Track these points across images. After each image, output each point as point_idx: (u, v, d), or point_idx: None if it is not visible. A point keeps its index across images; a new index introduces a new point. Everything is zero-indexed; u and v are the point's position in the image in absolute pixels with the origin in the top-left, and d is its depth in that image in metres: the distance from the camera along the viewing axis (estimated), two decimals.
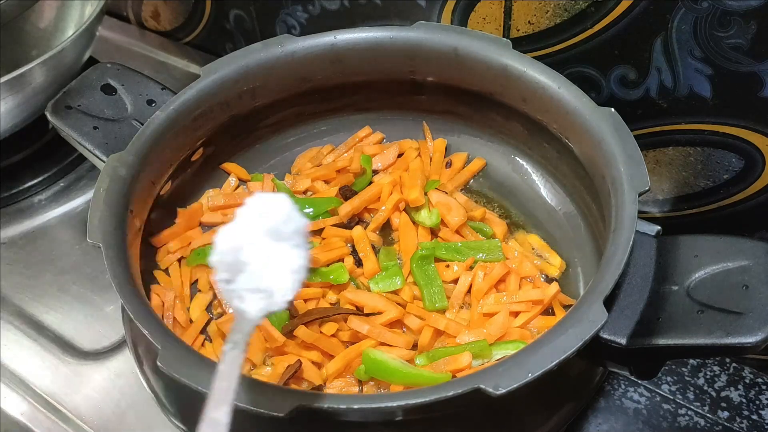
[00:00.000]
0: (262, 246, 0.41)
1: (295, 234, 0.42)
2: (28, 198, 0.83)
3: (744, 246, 0.52)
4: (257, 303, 0.40)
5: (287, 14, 0.84)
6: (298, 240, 0.42)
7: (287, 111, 0.74)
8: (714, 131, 0.63)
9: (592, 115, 0.59)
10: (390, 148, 0.75)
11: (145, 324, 0.51)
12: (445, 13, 0.73)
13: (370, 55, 0.69)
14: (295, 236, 0.42)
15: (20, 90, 0.74)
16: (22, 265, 0.76)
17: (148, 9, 1.02)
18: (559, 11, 0.65)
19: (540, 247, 0.67)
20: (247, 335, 0.39)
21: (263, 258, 0.41)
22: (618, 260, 0.50)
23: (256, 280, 0.40)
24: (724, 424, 0.61)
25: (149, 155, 0.62)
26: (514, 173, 0.72)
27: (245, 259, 0.41)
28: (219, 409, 0.33)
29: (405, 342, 0.60)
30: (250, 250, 0.41)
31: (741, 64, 0.58)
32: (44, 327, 0.71)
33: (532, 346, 0.47)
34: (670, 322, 0.50)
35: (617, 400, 0.63)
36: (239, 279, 0.40)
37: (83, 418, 0.64)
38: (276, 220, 0.41)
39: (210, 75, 0.67)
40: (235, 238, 0.41)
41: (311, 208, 0.69)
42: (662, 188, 0.69)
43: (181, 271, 0.67)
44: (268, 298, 0.40)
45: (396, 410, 0.46)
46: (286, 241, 0.41)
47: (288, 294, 0.41)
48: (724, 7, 0.56)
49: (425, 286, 0.63)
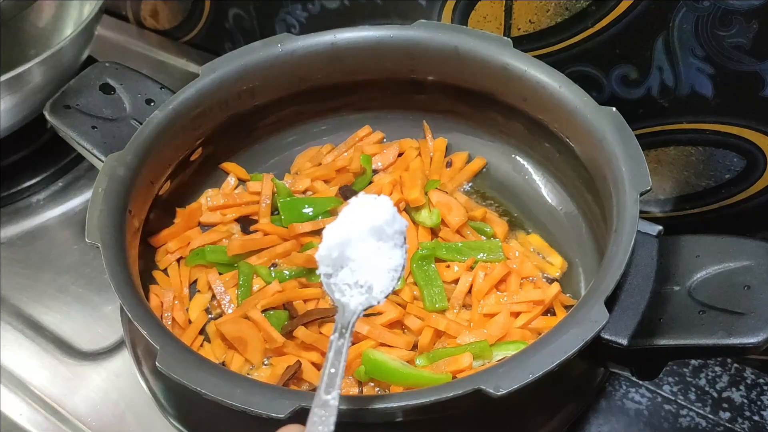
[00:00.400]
0: (366, 244, 0.44)
1: (397, 234, 0.45)
2: (27, 198, 0.82)
3: (746, 246, 0.52)
4: (357, 297, 0.43)
5: (287, 13, 0.84)
6: (399, 240, 0.45)
7: (287, 110, 0.74)
8: (715, 131, 0.63)
9: (593, 114, 0.59)
10: (390, 147, 0.74)
11: (144, 324, 0.50)
12: (446, 11, 0.72)
13: (371, 54, 0.69)
14: (396, 236, 0.45)
15: (19, 89, 0.74)
16: (21, 266, 0.76)
17: (147, 8, 1.02)
18: (560, 10, 0.65)
19: (541, 247, 0.67)
20: (350, 326, 0.42)
21: (366, 255, 0.44)
22: (619, 260, 0.50)
23: (356, 276, 0.43)
24: (726, 425, 0.60)
25: (148, 155, 0.62)
26: (515, 173, 0.72)
27: (349, 255, 0.43)
28: (329, 393, 0.37)
29: (405, 343, 0.60)
30: (354, 247, 0.43)
31: (743, 64, 0.58)
32: (43, 327, 0.71)
33: (533, 347, 0.47)
34: (672, 322, 0.50)
35: (618, 400, 0.62)
36: (340, 274, 0.43)
37: (82, 419, 0.64)
38: (380, 220, 0.44)
39: (209, 74, 0.66)
40: (341, 235, 0.44)
41: (311, 208, 0.69)
42: (664, 188, 0.69)
43: (180, 271, 0.66)
44: (368, 293, 0.43)
45: (396, 411, 0.46)
46: (387, 240, 0.44)
47: (387, 290, 0.44)
48: (725, 6, 0.56)
49: (425, 286, 0.63)
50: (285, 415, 0.44)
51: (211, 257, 0.66)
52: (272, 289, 0.63)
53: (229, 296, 0.64)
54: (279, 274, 0.65)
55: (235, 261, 0.66)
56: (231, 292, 0.65)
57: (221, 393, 0.46)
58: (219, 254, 0.66)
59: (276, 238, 0.68)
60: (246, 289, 0.64)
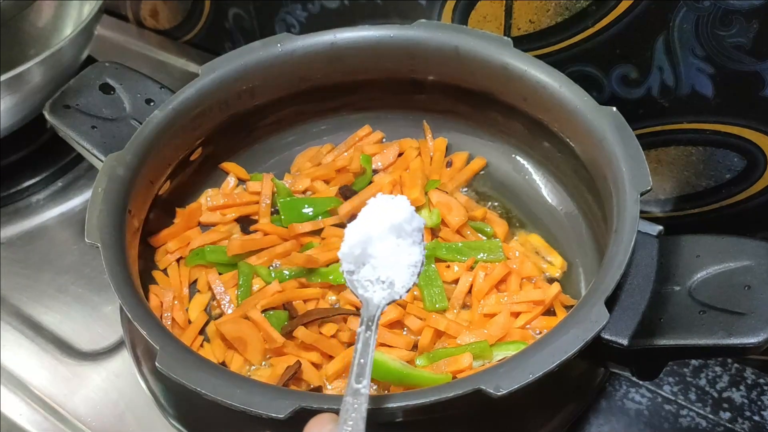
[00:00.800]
0: (386, 242, 0.45)
1: (415, 232, 0.46)
2: (26, 198, 0.82)
3: (746, 246, 0.52)
4: (380, 293, 0.45)
5: (287, 13, 0.84)
6: (417, 237, 0.46)
7: (287, 110, 0.74)
8: (716, 131, 0.63)
9: (594, 114, 0.59)
10: (390, 147, 0.74)
11: (144, 325, 0.50)
12: (446, 11, 0.72)
13: (371, 54, 0.69)
14: (414, 234, 0.46)
15: (18, 89, 0.74)
16: (20, 266, 0.76)
17: (147, 8, 1.02)
18: (561, 10, 0.65)
19: (541, 247, 0.67)
20: (375, 318, 0.43)
21: (386, 252, 0.45)
22: (620, 260, 0.50)
23: (378, 272, 0.45)
24: (726, 425, 0.60)
25: (148, 155, 0.62)
26: (515, 173, 0.72)
27: (371, 252, 0.45)
28: (360, 382, 0.38)
29: (405, 343, 0.60)
30: (375, 245, 0.45)
31: (743, 63, 0.58)
32: (42, 327, 0.71)
33: (534, 347, 0.47)
34: (672, 322, 0.50)
35: (619, 401, 0.62)
36: (362, 270, 0.45)
37: (82, 419, 0.64)
38: (399, 219, 0.45)
39: (209, 74, 0.66)
40: (362, 233, 0.45)
41: (311, 208, 0.69)
42: (664, 188, 0.69)
43: (179, 271, 0.66)
44: (390, 288, 0.45)
45: (396, 411, 0.46)
46: (406, 237, 0.46)
47: (408, 285, 0.45)
48: (725, 6, 0.56)
49: (425, 286, 0.63)
50: (285, 415, 0.44)
51: (210, 257, 0.66)
52: (272, 289, 0.63)
53: (229, 296, 0.64)
54: (279, 274, 0.65)
55: (235, 261, 0.66)
56: (231, 292, 0.65)
57: (221, 393, 0.46)
58: (219, 254, 0.66)
59: (276, 238, 0.68)
60: (246, 289, 0.64)
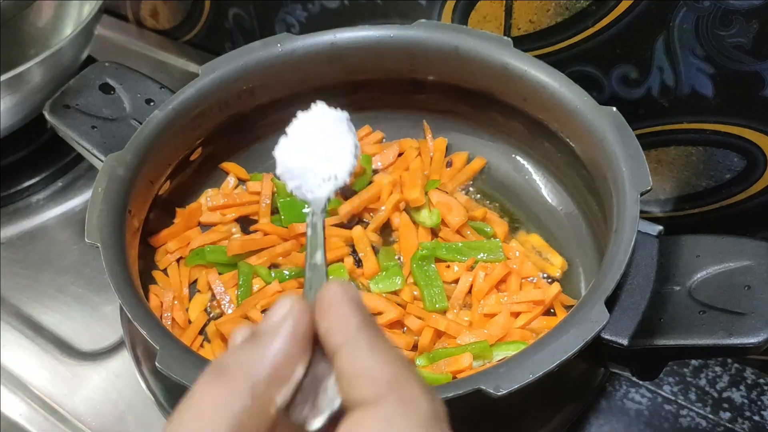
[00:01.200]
0: (317, 146, 0.45)
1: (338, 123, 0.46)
2: (26, 198, 0.82)
3: (746, 246, 0.52)
4: (326, 189, 0.45)
5: (287, 13, 0.84)
6: (343, 127, 0.46)
7: (287, 110, 0.73)
8: (716, 131, 0.63)
9: (594, 114, 0.59)
10: (390, 147, 0.74)
11: (144, 325, 0.50)
12: (446, 11, 0.72)
13: (371, 54, 0.69)
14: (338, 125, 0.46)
15: (18, 89, 0.74)
16: (20, 266, 0.76)
17: (147, 8, 1.02)
18: (561, 10, 0.65)
19: (541, 247, 0.67)
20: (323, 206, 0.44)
21: (321, 155, 0.45)
22: (620, 260, 0.50)
23: (320, 174, 0.45)
24: (726, 425, 0.60)
25: (148, 155, 0.62)
26: (515, 173, 0.72)
27: (306, 163, 0.45)
28: (314, 256, 0.39)
29: (405, 343, 0.60)
30: (307, 154, 0.45)
31: (743, 63, 0.58)
32: (42, 327, 0.71)
33: (534, 347, 0.47)
34: (672, 322, 0.50)
35: (619, 401, 0.62)
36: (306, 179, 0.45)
37: (82, 419, 0.64)
38: (321, 123, 0.46)
39: (209, 74, 0.66)
40: (291, 149, 0.46)
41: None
42: (664, 188, 0.69)
43: (179, 271, 0.66)
44: (334, 180, 0.45)
45: None
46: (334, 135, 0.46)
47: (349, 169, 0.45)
48: (726, 6, 0.56)
49: (425, 286, 0.63)
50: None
51: (210, 257, 0.66)
52: (272, 289, 0.63)
53: (229, 296, 0.64)
54: (279, 274, 0.65)
55: (235, 261, 0.66)
56: (231, 292, 0.64)
57: None
58: (219, 254, 0.66)
59: (276, 238, 0.68)
60: (246, 289, 0.64)
